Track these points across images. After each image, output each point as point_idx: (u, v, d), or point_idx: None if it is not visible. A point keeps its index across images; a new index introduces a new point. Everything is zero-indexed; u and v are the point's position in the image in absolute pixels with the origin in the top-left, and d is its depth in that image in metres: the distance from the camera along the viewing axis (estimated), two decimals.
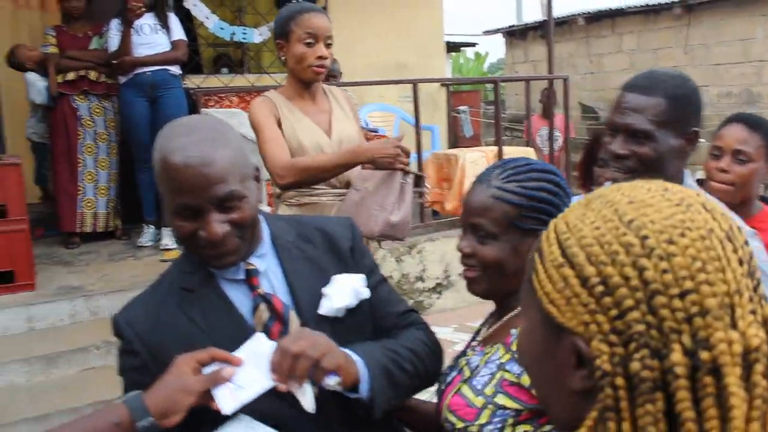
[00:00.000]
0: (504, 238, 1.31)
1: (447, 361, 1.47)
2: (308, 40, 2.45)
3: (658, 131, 1.57)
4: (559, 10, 6.82)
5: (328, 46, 2.51)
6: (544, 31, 12.65)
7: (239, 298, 1.35)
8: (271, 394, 1.21)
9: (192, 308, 1.32)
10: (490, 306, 1.45)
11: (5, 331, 3.93)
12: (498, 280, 1.34)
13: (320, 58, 2.48)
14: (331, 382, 1.24)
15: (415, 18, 7.57)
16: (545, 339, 0.74)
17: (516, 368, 1.23)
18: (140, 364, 1.28)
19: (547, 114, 7.57)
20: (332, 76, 6.03)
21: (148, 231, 5.34)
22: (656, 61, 10.58)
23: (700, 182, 2.13)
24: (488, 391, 1.26)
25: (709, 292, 0.65)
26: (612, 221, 0.70)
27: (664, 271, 0.65)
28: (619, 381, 0.66)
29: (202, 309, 1.32)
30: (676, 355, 0.64)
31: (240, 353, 1.25)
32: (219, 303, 1.33)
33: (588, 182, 2.82)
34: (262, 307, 1.34)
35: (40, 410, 3.39)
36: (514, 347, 1.26)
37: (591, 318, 0.68)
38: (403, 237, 2.62)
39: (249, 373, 1.22)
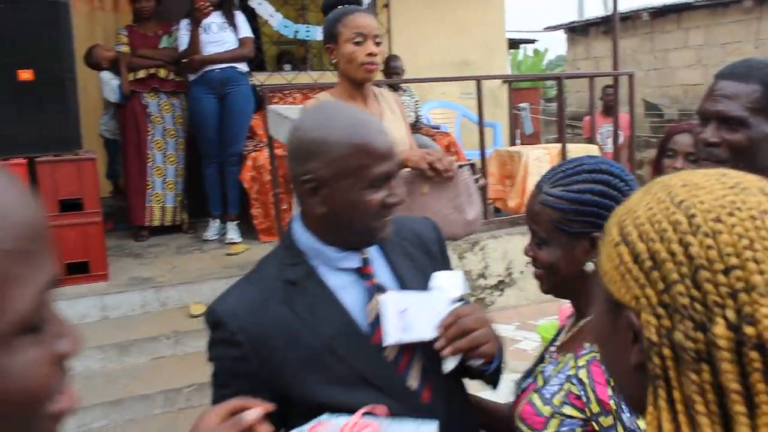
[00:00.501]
0: (554, 242, 1.32)
1: (506, 356, 1.48)
2: (357, 39, 2.46)
3: (752, 118, 1.54)
4: (623, 5, 6.72)
5: (377, 44, 2.52)
6: (606, 26, 12.46)
7: (345, 288, 1.35)
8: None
9: (296, 301, 1.31)
10: (552, 305, 1.48)
11: (81, 319, 4.08)
12: (557, 282, 1.36)
13: (370, 55, 2.49)
14: (477, 363, 1.32)
15: (478, 15, 7.55)
16: (608, 318, 0.78)
17: (580, 386, 1.24)
18: (240, 354, 1.28)
19: (609, 111, 7.45)
20: (395, 73, 6.07)
21: (214, 225, 5.46)
22: (724, 56, 10.28)
23: None
24: (556, 401, 1.27)
25: (756, 269, 0.66)
26: (664, 202, 0.73)
27: (709, 248, 0.67)
28: (666, 351, 0.69)
29: (305, 301, 1.31)
30: (719, 328, 0.66)
31: (418, 298, 1.32)
32: (323, 295, 1.33)
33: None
34: (376, 296, 1.34)
35: (114, 395, 3.53)
36: (582, 362, 1.26)
37: (641, 292, 0.72)
38: (475, 231, 2.64)
39: (418, 319, 1.28)
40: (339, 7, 2.55)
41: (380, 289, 1.36)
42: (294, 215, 1.42)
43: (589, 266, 1.28)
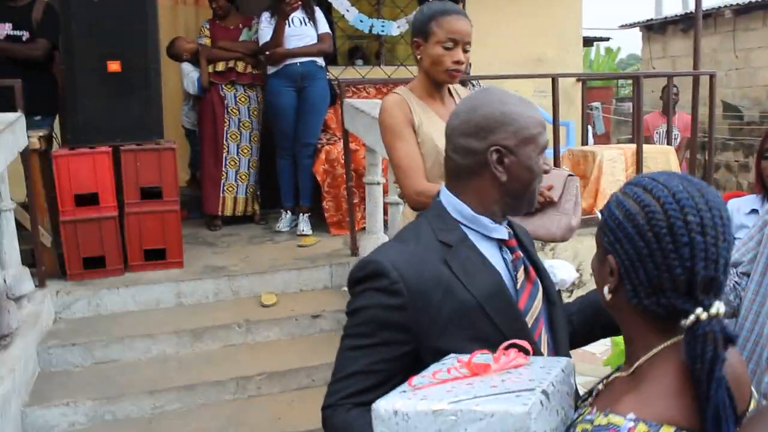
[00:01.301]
0: (598, 248, 1.24)
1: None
2: (448, 45, 2.40)
3: None
4: (705, 3, 6.47)
5: (465, 51, 2.46)
6: (685, 24, 12.10)
7: (492, 255, 1.47)
8: None
9: (452, 260, 1.40)
10: None
11: (158, 304, 4.20)
12: (598, 293, 1.25)
13: (457, 62, 2.44)
14: None
15: (554, 11, 7.42)
16: None
17: None
18: (398, 303, 1.35)
19: (670, 111, 7.22)
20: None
21: (286, 217, 5.54)
22: None
23: None
24: None
25: None
26: None
27: None
28: None
29: (461, 262, 1.41)
30: None
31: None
32: (476, 258, 1.43)
33: (760, 180, 2.70)
34: (521, 269, 1.48)
35: (187, 380, 3.61)
36: (580, 428, 1.14)
37: None
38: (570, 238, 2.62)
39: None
40: (436, 1, 2.49)
41: (524, 261, 1.50)
42: (441, 189, 1.53)
43: (605, 291, 1.19)
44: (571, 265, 1.65)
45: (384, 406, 1.14)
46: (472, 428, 1.07)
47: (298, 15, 5.20)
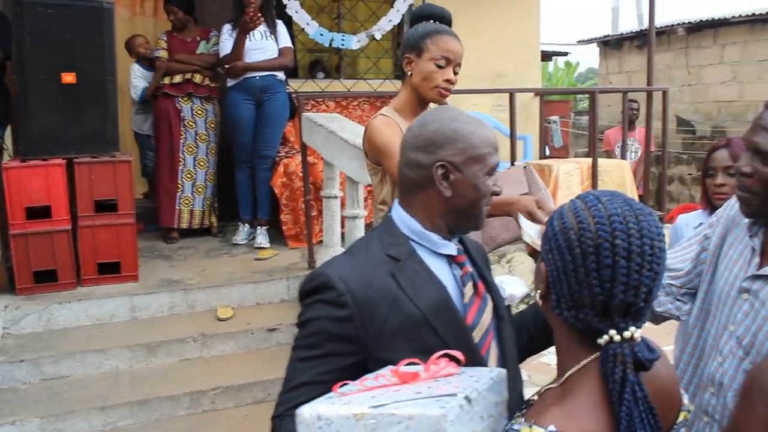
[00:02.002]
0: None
1: (529, 370, 1.54)
2: (441, 63, 2.42)
3: None
4: (658, 20, 6.62)
5: (455, 72, 2.49)
6: (640, 41, 12.37)
7: (440, 271, 1.49)
8: None
9: (400, 274, 1.43)
10: None
11: (111, 318, 4.15)
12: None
13: (448, 81, 2.46)
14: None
15: (513, 27, 7.53)
16: None
17: None
18: (345, 315, 1.37)
19: (631, 126, 7.37)
20: None
21: (243, 230, 5.51)
22: (761, 73, 10.16)
23: None
24: None
25: None
26: None
27: None
28: None
29: (408, 276, 1.43)
30: None
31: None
32: (423, 273, 1.45)
33: (706, 196, 2.77)
34: (470, 284, 1.51)
35: (140, 395, 3.57)
36: None
37: None
38: None
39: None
40: (431, 22, 2.49)
41: (473, 277, 1.52)
42: (394, 204, 1.56)
43: (537, 295, 1.24)
44: (521, 281, 1.65)
45: (308, 411, 1.17)
46: (390, 431, 1.10)
47: (259, 28, 5.20)
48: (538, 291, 1.22)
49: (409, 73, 2.49)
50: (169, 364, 3.93)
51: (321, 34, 5.91)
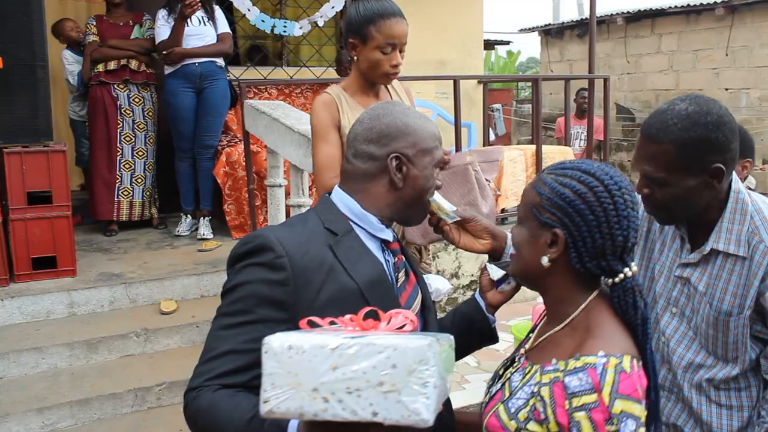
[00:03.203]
0: (526, 224, 1.39)
1: (479, 356, 1.57)
2: (386, 50, 2.38)
3: (670, 177, 1.58)
4: (598, 9, 6.73)
5: (402, 51, 2.45)
6: (580, 30, 12.55)
7: (376, 252, 1.51)
8: None
9: (337, 247, 1.43)
10: (525, 306, 1.60)
11: (48, 315, 3.98)
12: (521, 266, 1.42)
13: (395, 66, 2.43)
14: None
15: (456, 15, 7.53)
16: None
17: (542, 404, 1.28)
18: (281, 278, 1.33)
19: (583, 114, 7.50)
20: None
21: (186, 221, 5.38)
22: (696, 62, 10.42)
23: None
24: (522, 416, 1.30)
25: None
26: None
27: None
28: None
29: (345, 250, 1.43)
30: None
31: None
32: (360, 249, 1.47)
33: None
34: (402, 271, 1.55)
35: (81, 394, 3.43)
36: (546, 379, 1.29)
37: None
38: None
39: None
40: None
41: (405, 265, 1.57)
42: (335, 188, 1.56)
43: (545, 261, 1.35)
44: (444, 279, 1.79)
45: (278, 339, 1.08)
46: (370, 361, 1.05)
47: (197, 14, 5.05)
48: (546, 256, 1.35)
49: (355, 57, 2.44)
50: (111, 361, 3.80)
51: (262, 21, 5.80)
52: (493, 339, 1.74)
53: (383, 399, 1.04)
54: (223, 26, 5.23)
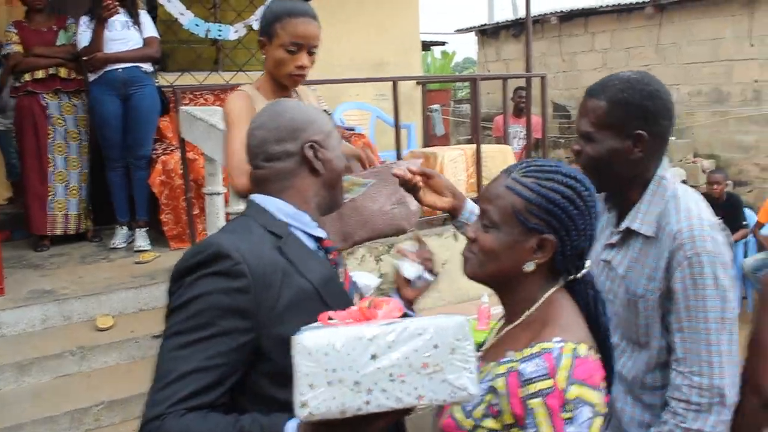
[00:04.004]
0: (505, 230, 1.32)
1: None
2: (291, 48, 2.30)
3: (597, 133, 1.66)
4: (533, 9, 6.83)
5: (311, 54, 2.36)
6: (516, 29, 12.71)
7: (315, 250, 1.51)
8: None
9: (285, 249, 1.40)
10: (469, 306, 1.60)
11: None
12: (493, 270, 1.35)
13: (300, 67, 2.34)
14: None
15: (393, 16, 7.52)
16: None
17: (496, 397, 1.25)
18: (242, 286, 1.29)
19: (520, 113, 7.57)
20: None
21: (121, 232, 5.21)
22: (628, 60, 10.66)
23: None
24: (477, 413, 1.27)
25: None
26: None
27: None
28: None
29: (293, 251, 1.41)
30: None
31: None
32: (304, 250, 1.45)
33: None
34: (341, 269, 1.56)
35: (12, 420, 3.27)
36: (501, 369, 1.26)
37: None
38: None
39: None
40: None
41: (338, 265, 1.55)
42: (254, 196, 1.52)
43: (529, 266, 1.32)
44: (371, 275, 1.77)
45: (310, 337, 1.05)
46: (411, 344, 1.04)
47: (120, 18, 4.87)
48: (533, 261, 1.32)
49: (264, 56, 2.38)
50: (44, 382, 3.63)
51: (196, 25, 5.68)
52: None
53: (428, 381, 1.04)
54: (150, 30, 5.06)
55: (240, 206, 3.82)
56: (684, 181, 8.22)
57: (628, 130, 1.64)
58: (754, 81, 9.35)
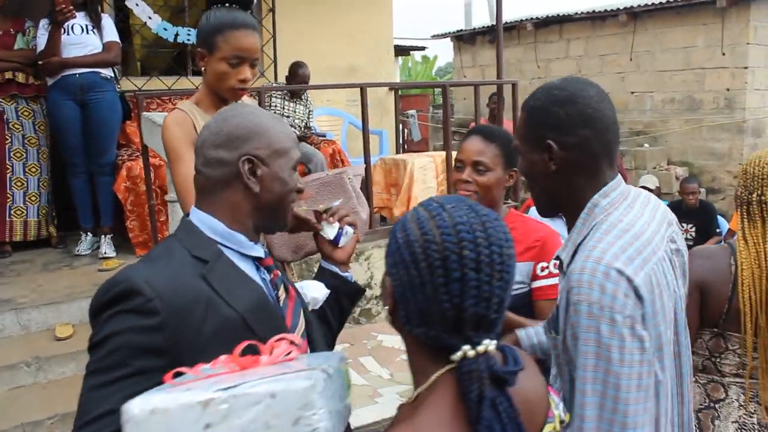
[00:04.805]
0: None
1: (391, 368, 1.51)
2: (233, 61, 2.22)
3: (521, 146, 1.58)
4: (508, 15, 6.84)
5: (252, 66, 2.30)
6: (492, 35, 12.74)
7: (251, 273, 1.43)
8: None
9: (210, 276, 1.33)
10: None
11: None
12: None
13: (243, 81, 2.26)
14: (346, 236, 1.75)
15: (365, 21, 7.50)
16: None
17: None
18: (155, 324, 1.23)
19: (495, 119, 7.57)
20: (304, 81, 5.91)
21: (86, 239, 5.12)
22: (602, 67, 10.72)
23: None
24: None
25: None
26: None
27: None
28: None
29: (219, 278, 1.34)
30: None
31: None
32: (235, 274, 1.38)
33: None
34: (282, 288, 1.48)
35: None
36: None
37: None
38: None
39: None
40: (224, 6, 2.26)
41: (284, 282, 1.49)
42: (192, 209, 1.45)
43: (384, 312, 1.25)
44: (321, 284, 1.67)
45: (138, 405, 0.96)
46: (248, 414, 0.93)
47: (79, 22, 4.80)
48: (387, 307, 1.14)
49: (203, 68, 2.28)
50: None
51: (165, 29, 5.63)
52: (360, 291, 1.81)
53: None
54: (111, 35, 4.96)
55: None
56: (658, 188, 8.26)
57: (539, 139, 1.48)
58: (726, 89, 9.43)
